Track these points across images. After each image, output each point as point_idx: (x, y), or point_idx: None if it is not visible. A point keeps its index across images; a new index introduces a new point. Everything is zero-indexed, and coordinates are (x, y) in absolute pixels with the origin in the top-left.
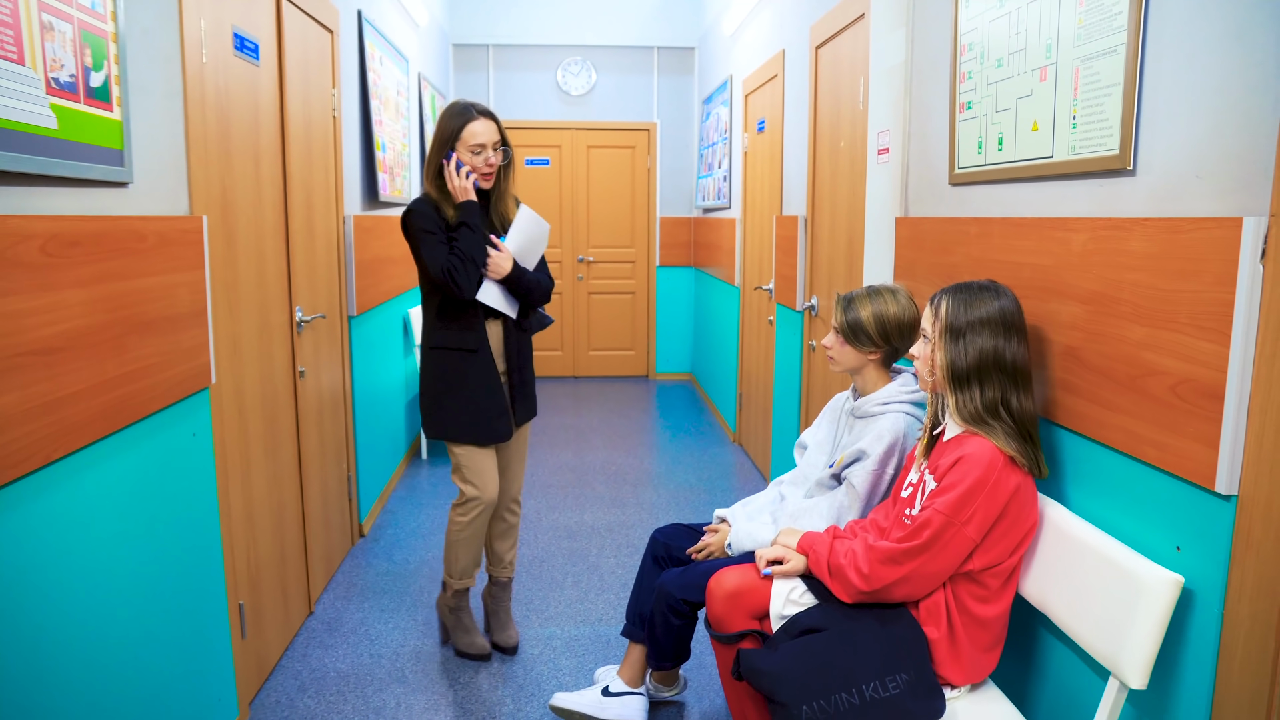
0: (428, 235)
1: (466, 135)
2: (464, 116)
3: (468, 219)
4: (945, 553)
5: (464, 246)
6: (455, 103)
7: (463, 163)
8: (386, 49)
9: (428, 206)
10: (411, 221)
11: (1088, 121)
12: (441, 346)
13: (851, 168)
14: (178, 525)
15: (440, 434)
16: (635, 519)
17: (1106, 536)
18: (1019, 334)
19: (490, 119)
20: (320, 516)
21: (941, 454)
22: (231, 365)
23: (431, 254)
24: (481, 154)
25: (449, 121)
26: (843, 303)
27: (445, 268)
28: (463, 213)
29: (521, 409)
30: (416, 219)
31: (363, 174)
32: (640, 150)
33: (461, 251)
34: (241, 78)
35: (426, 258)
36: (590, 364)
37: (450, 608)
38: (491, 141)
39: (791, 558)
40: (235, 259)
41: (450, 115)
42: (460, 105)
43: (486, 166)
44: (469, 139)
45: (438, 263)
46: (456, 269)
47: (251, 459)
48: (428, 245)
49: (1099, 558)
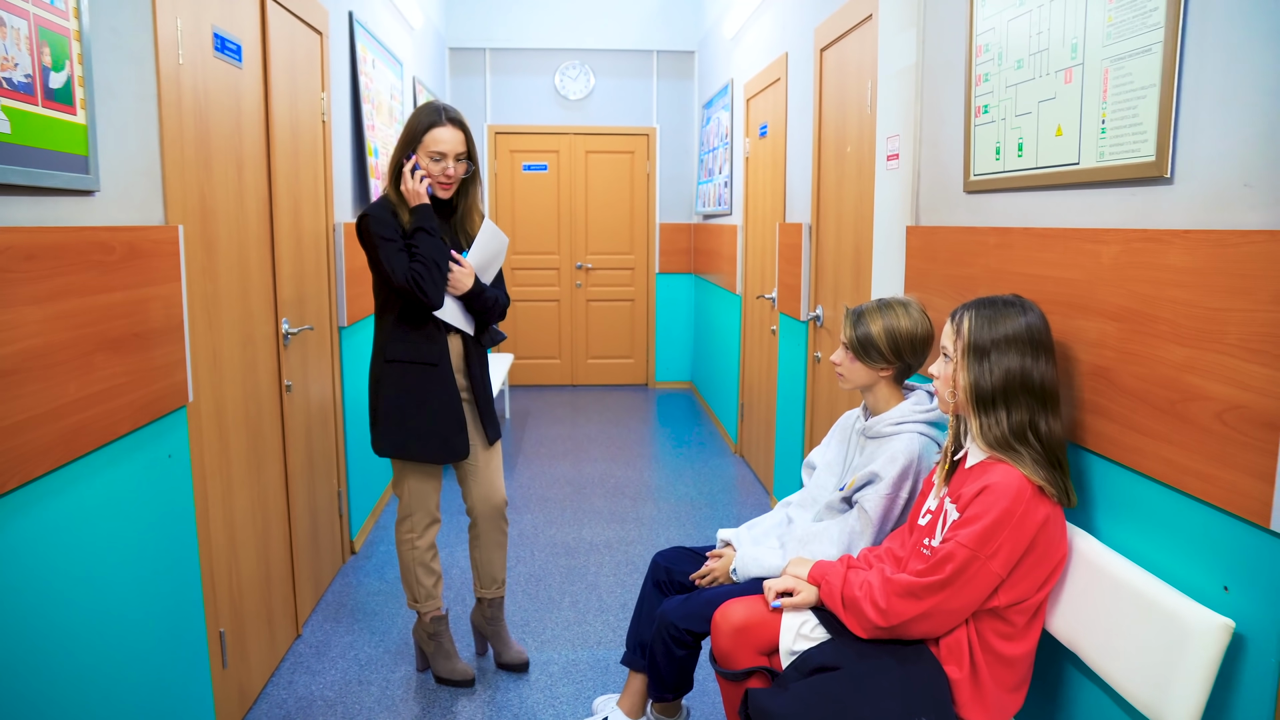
0: (386, 242)
1: (429, 140)
2: (431, 119)
3: (424, 223)
4: (969, 588)
5: (425, 252)
6: (429, 103)
7: (419, 166)
8: (379, 51)
9: (385, 212)
10: (368, 227)
11: (1119, 126)
12: (400, 359)
13: (859, 174)
14: (152, 554)
15: (395, 451)
16: (635, 535)
17: (1144, 573)
18: (1047, 353)
19: (459, 128)
20: (308, 535)
21: (964, 481)
22: (211, 382)
23: (392, 261)
24: (441, 162)
25: (416, 121)
26: (852, 317)
27: (410, 276)
28: (417, 217)
29: (490, 427)
30: (373, 224)
31: (354, 180)
32: (639, 155)
33: (424, 257)
34: (222, 80)
35: (387, 266)
36: (589, 372)
37: (429, 634)
38: (454, 152)
39: (802, 589)
40: (216, 270)
41: (419, 115)
42: (432, 106)
43: (444, 177)
44: (430, 144)
45: (400, 271)
46: (422, 276)
47: (234, 479)
48: (387, 252)
49: (1137, 596)
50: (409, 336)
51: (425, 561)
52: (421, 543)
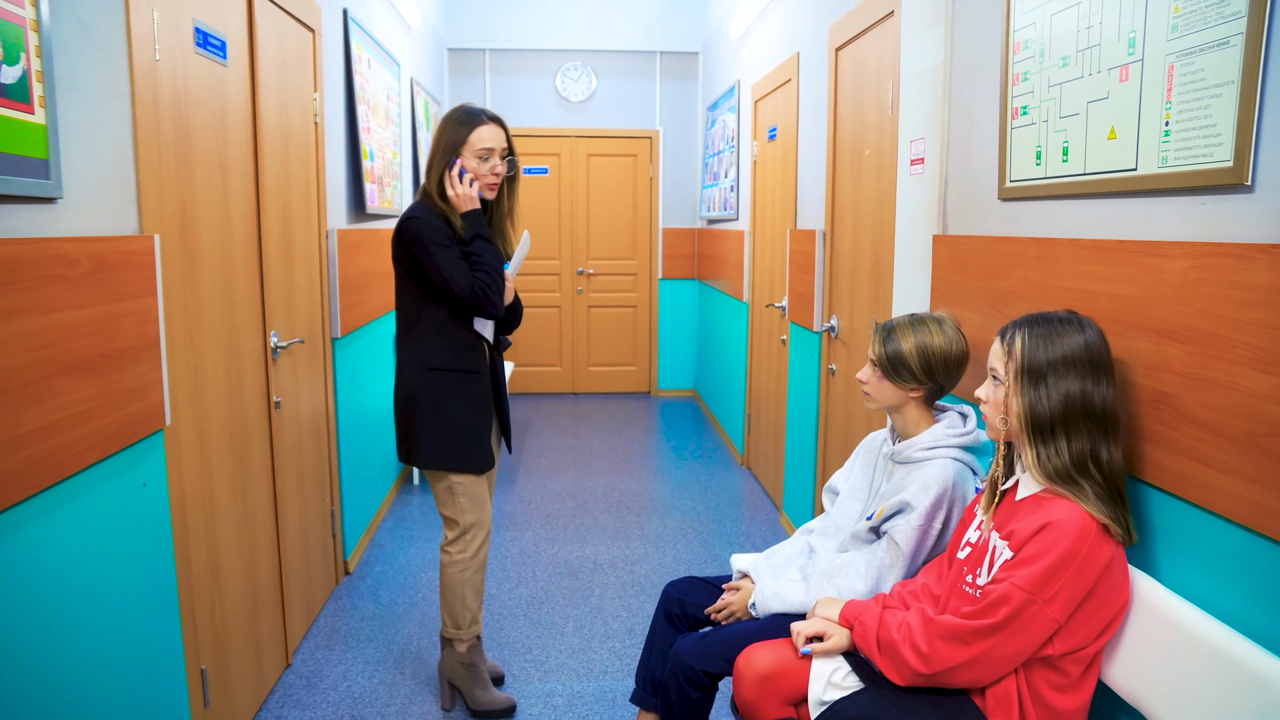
0: (442, 249)
1: (474, 140)
2: (472, 121)
3: (481, 229)
4: (1023, 634)
5: (489, 260)
6: (461, 107)
7: (465, 170)
8: (375, 51)
9: (434, 216)
10: (419, 232)
11: (1187, 128)
12: (445, 368)
13: (878, 179)
14: (124, 592)
15: (443, 464)
16: (641, 553)
17: (1221, 626)
18: (1108, 374)
19: (500, 125)
20: (299, 559)
21: (1015, 515)
22: (192, 402)
23: (452, 270)
24: (489, 160)
25: (455, 127)
26: (881, 332)
27: (477, 286)
28: (473, 224)
29: (509, 436)
30: (426, 230)
31: (348, 184)
32: (642, 159)
33: (488, 266)
34: (205, 78)
35: (446, 274)
36: (590, 380)
37: (465, 664)
38: (500, 148)
39: (834, 632)
40: (197, 282)
41: (456, 120)
42: (467, 109)
43: (493, 175)
44: (476, 143)
45: (462, 280)
46: (490, 286)
47: (217, 505)
48: (445, 259)
49: (1214, 652)
50: (453, 345)
51: (476, 583)
52: (475, 561)
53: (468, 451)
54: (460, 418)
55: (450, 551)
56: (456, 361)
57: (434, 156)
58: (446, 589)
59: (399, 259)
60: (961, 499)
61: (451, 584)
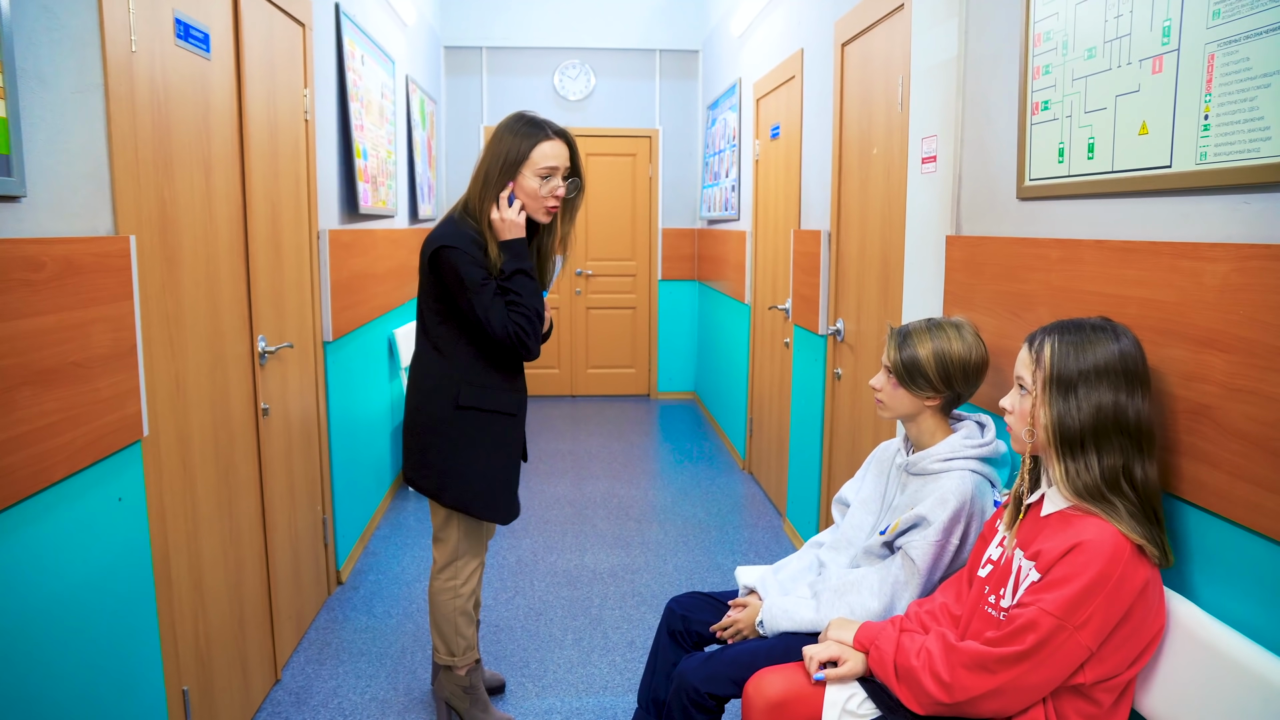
0: (481, 287)
1: (537, 156)
2: (535, 134)
3: (523, 264)
4: (1052, 661)
5: (528, 302)
6: (521, 115)
7: (516, 192)
8: (369, 47)
9: (471, 245)
10: (455, 264)
11: (1229, 122)
12: (476, 407)
13: (887, 178)
14: (98, 613)
15: (470, 509)
16: (641, 562)
17: (1267, 653)
18: (1143, 386)
19: (565, 141)
20: (289, 570)
21: (1042, 533)
22: (173, 411)
23: (489, 311)
24: (550, 180)
25: (515, 139)
26: (897, 337)
27: (512, 330)
28: (515, 256)
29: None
30: (463, 263)
31: (341, 184)
32: (641, 158)
33: (527, 309)
34: (186, 72)
35: (482, 315)
36: (588, 383)
37: (465, 687)
38: (564, 166)
39: (848, 657)
40: (179, 285)
41: (516, 131)
42: (529, 119)
43: (553, 198)
44: (539, 160)
45: (497, 322)
46: (526, 332)
47: (200, 517)
48: (482, 299)
49: (1259, 681)
50: (490, 381)
51: (468, 610)
52: (466, 589)
53: (497, 500)
54: (492, 465)
55: (442, 577)
56: (490, 401)
57: (488, 171)
58: (439, 617)
59: (431, 282)
60: (980, 513)
61: (444, 612)
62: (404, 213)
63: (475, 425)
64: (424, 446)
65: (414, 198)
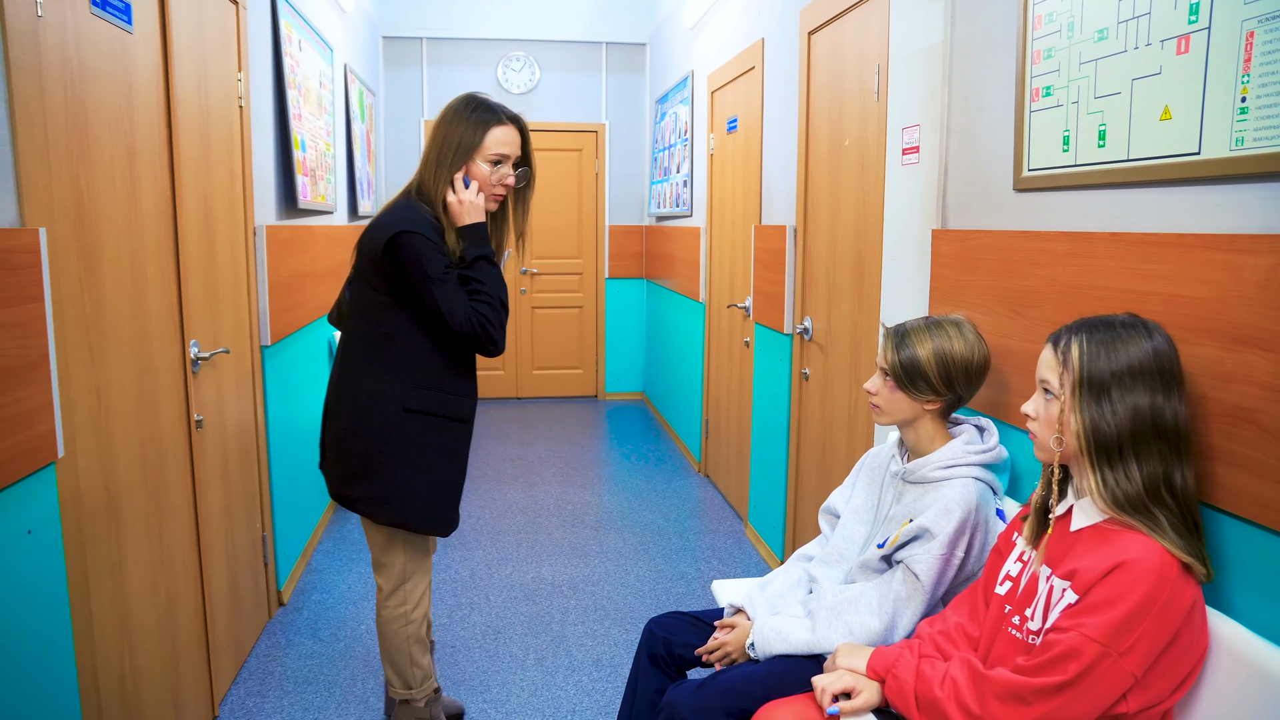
0: (445, 276)
1: (489, 142)
2: (488, 118)
3: (486, 250)
4: (1094, 691)
5: (493, 291)
6: (472, 97)
7: (470, 177)
8: (306, 32)
9: (431, 230)
10: (420, 250)
11: (1272, 102)
12: (425, 411)
13: (861, 171)
14: (2, 664)
15: (412, 524)
16: (601, 572)
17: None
18: (1179, 386)
19: (518, 126)
20: (227, 595)
21: (1073, 549)
22: (94, 427)
23: (450, 300)
24: (501, 166)
25: (467, 124)
26: (895, 337)
27: (476, 321)
28: (477, 242)
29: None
30: (424, 249)
31: (278, 176)
32: (588, 153)
33: (490, 297)
34: (105, 45)
35: (447, 307)
36: (535, 384)
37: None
38: (515, 154)
39: (863, 687)
40: (99, 285)
41: (467, 115)
42: (482, 101)
43: (502, 186)
44: (491, 146)
45: (460, 313)
46: (492, 323)
47: (125, 545)
48: (444, 288)
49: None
50: (441, 383)
51: (421, 636)
52: (418, 613)
53: (440, 511)
54: (441, 474)
55: (390, 605)
56: (441, 405)
57: (441, 154)
58: (391, 649)
59: (380, 267)
60: (984, 523)
61: (395, 642)
62: (343, 209)
63: (423, 432)
64: (363, 458)
65: (353, 193)
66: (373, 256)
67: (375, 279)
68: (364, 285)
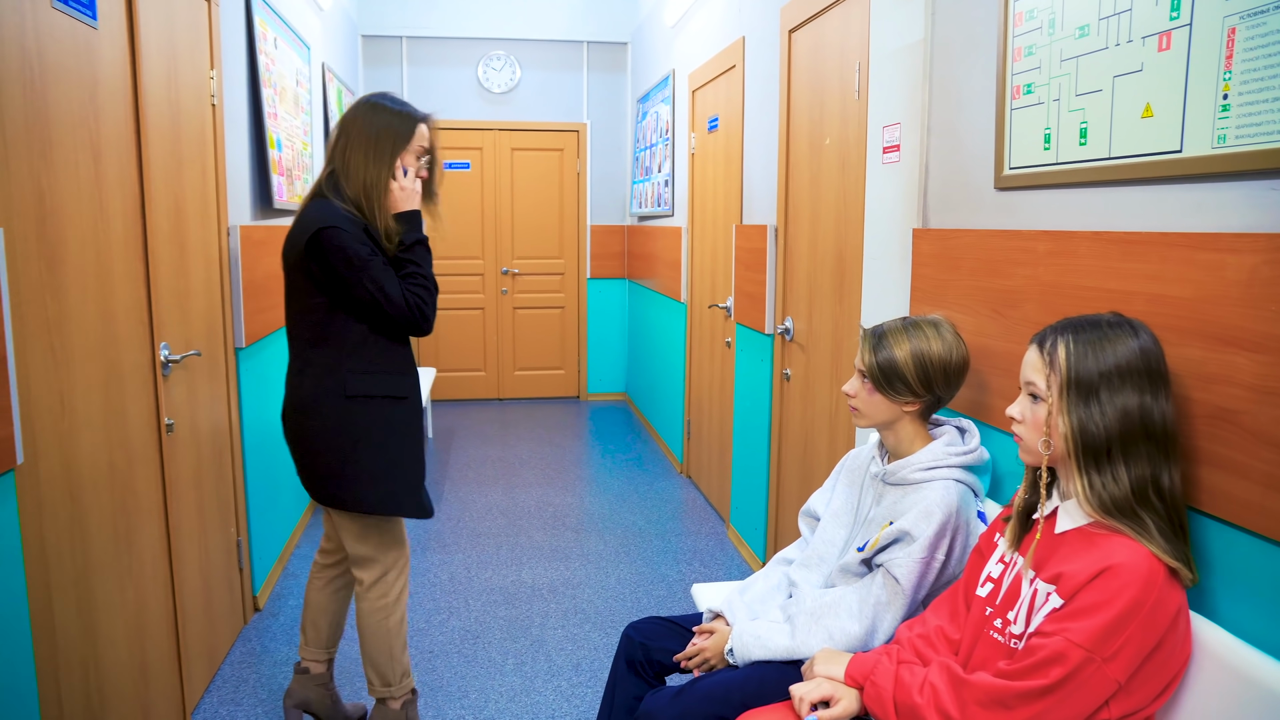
0: (373, 260)
1: (418, 136)
2: (412, 115)
3: (423, 235)
4: (1077, 697)
5: (426, 270)
6: (386, 96)
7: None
8: (282, 30)
9: (354, 225)
10: (341, 242)
11: (1254, 100)
12: (367, 394)
13: (842, 170)
14: None
15: (392, 508)
16: (581, 575)
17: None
18: (1166, 386)
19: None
20: (199, 602)
21: (1057, 552)
22: (56, 433)
23: (385, 283)
24: (421, 159)
25: (398, 118)
26: (872, 338)
27: (412, 301)
28: (415, 227)
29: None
30: (350, 240)
31: (253, 176)
32: (569, 153)
33: (425, 278)
34: (68, 41)
35: (379, 289)
36: (516, 385)
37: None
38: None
39: (841, 695)
40: (62, 286)
41: (392, 111)
42: (396, 99)
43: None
44: (418, 140)
45: (396, 293)
46: (426, 302)
47: (92, 555)
48: (376, 272)
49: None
50: (376, 368)
51: (403, 631)
52: (399, 606)
53: (415, 493)
54: (400, 455)
55: (370, 597)
56: (381, 387)
57: (377, 146)
58: (370, 642)
59: (305, 269)
60: (965, 525)
61: (376, 634)
62: None
63: (369, 415)
64: (322, 454)
65: None
66: (295, 261)
67: (302, 282)
68: (295, 292)
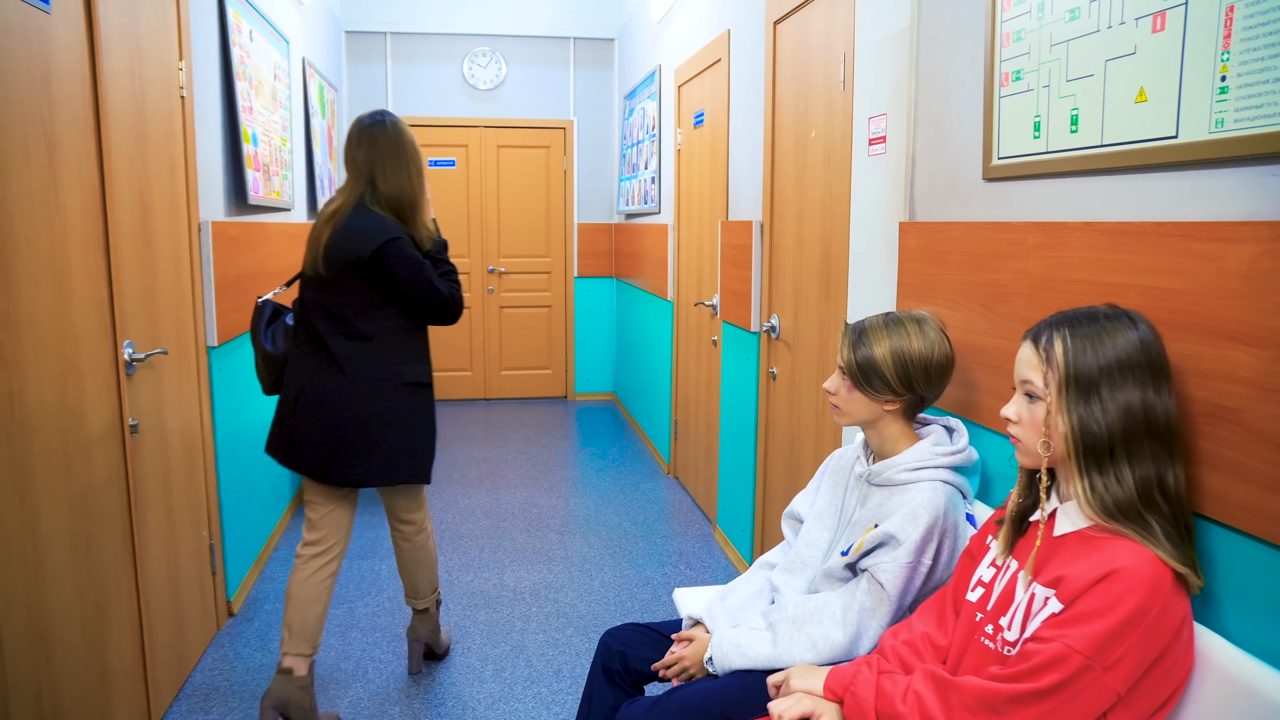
0: (425, 264)
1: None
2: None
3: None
4: (1073, 706)
5: (455, 268)
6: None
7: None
8: (258, 22)
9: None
10: (407, 253)
11: (1254, 82)
12: (420, 382)
13: (827, 163)
14: None
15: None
16: (564, 578)
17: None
18: (1167, 379)
19: None
20: (167, 607)
21: (1056, 555)
22: (6, 436)
23: (437, 282)
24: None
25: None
26: (851, 336)
27: (457, 295)
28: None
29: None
30: (409, 249)
31: (226, 171)
32: (555, 150)
33: (456, 275)
34: (16, 26)
35: (435, 288)
36: (503, 385)
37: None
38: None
39: (821, 710)
40: (13, 282)
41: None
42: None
43: None
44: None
45: (446, 289)
46: (459, 294)
47: (44, 559)
48: (430, 274)
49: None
50: (422, 356)
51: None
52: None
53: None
54: (433, 430)
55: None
56: (426, 375)
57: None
58: (425, 567)
59: (362, 273)
60: (953, 528)
61: (427, 561)
62: (301, 205)
63: (420, 399)
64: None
65: (313, 190)
66: (356, 264)
67: (356, 284)
68: (337, 291)
